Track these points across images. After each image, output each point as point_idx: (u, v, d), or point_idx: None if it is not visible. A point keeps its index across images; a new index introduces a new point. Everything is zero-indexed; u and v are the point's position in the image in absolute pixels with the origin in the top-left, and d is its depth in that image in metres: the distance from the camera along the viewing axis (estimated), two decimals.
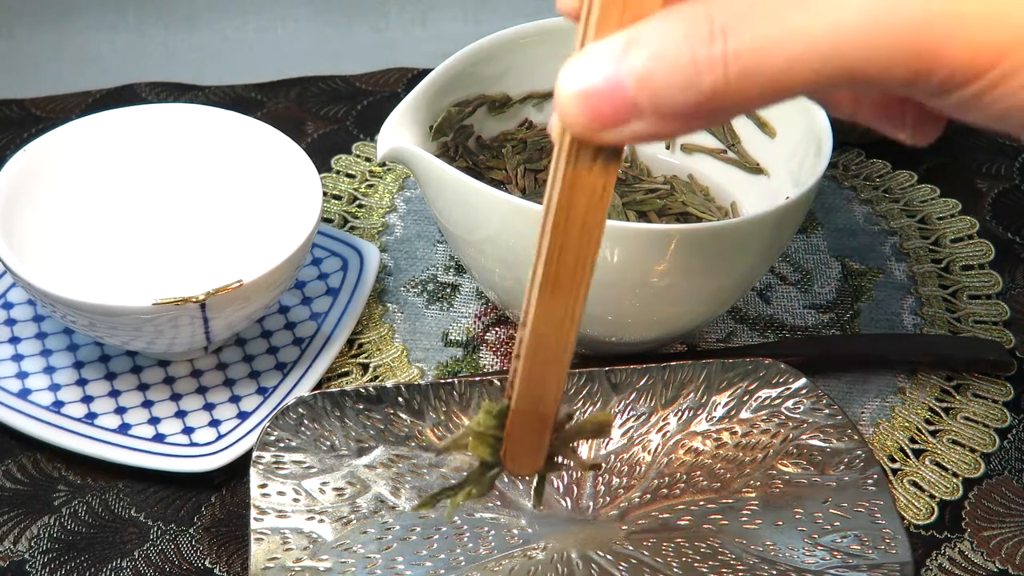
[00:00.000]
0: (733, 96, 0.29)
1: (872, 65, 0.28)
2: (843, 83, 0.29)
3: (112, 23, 0.78)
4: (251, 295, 0.52)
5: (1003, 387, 0.58)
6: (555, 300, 0.34)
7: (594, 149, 0.31)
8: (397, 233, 0.65)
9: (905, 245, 0.65)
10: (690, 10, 0.29)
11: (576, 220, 0.32)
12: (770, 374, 0.52)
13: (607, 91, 0.29)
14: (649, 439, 0.51)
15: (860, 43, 0.28)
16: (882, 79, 0.29)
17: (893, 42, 0.28)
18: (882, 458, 0.55)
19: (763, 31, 0.28)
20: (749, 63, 0.28)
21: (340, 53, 0.79)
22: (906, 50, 0.28)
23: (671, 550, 0.47)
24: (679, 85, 0.29)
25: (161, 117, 0.59)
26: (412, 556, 0.47)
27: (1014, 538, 0.52)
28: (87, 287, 0.55)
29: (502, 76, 0.60)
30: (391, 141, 0.52)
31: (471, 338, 0.60)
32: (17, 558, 0.50)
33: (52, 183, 0.57)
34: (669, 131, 0.30)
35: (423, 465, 0.50)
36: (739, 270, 0.52)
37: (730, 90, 0.29)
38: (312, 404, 0.50)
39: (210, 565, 0.50)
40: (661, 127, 0.30)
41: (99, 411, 0.54)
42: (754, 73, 0.28)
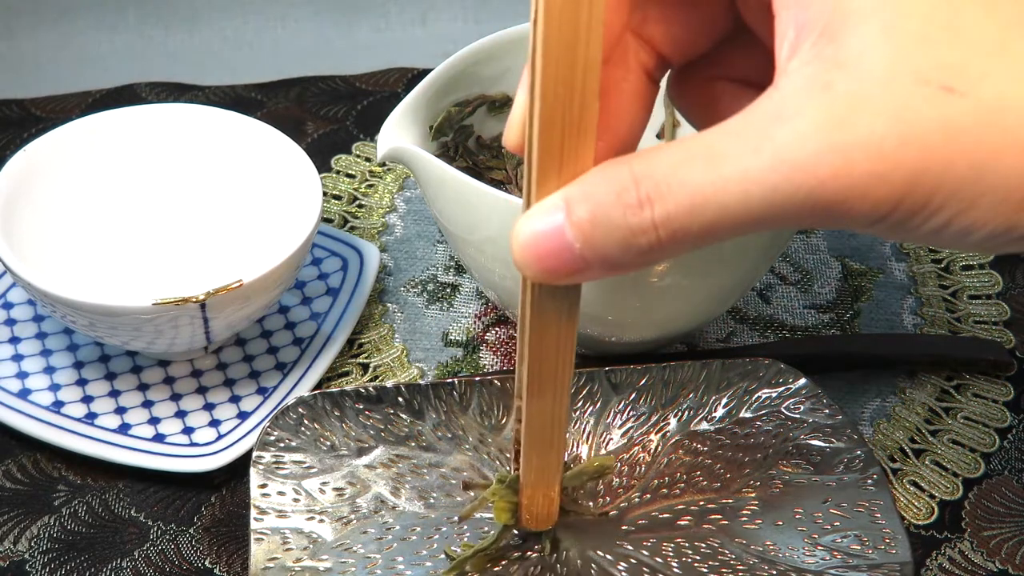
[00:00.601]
0: (670, 250, 0.32)
1: (786, 220, 0.31)
2: (767, 229, 0.32)
3: (112, 23, 0.78)
4: (251, 295, 0.52)
5: (1003, 387, 0.58)
6: (543, 398, 0.39)
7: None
8: (397, 233, 0.65)
9: (905, 245, 0.65)
10: (616, 173, 0.32)
11: (550, 339, 0.37)
12: (770, 374, 0.52)
13: (555, 249, 0.33)
14: (649, 439, 0.51)
15: (768, 210, 0.31)
16: (799, 225, 0.32)
17: (797, 203, 0.31)
18: (882, 458, 0.55)
19: (684, 199, 0.31)
20: (677, 226, 0.31)
21: (340, 53, 0.79)
22: (811, 208, 0.31)
23: (671, 550, 0.47)
24: (618, 245, 0.32)
25: (161, 117, 0.59)
26: (412, 556, 0.47)
27: (1014, 538, 0.52)
28: (87, 287, 0.55)
29: (502, 76, 0.59)
30: (391, 141, 0.52)
31: (471, 338, 0.60)
32: (17, 558, 0.50)
33: (52, 183, 0.57)
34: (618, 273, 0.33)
35: (423, 465, 0.50)
36: (739, 270, 0.52)
37: (665, 247, 0.32)
38: (312, 404, 0.50)
39: (210, 565, 0.50)
40: (610, 273, 0.33)
41: (99, 411, 0.54)
42: (684, 231, 0.32)
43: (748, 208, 0.31)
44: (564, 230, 0.32)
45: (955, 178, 0.30)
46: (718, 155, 0.31)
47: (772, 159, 0.30)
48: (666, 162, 0.32)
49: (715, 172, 0.31)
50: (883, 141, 0.30)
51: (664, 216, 0.31)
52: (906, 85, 0.30)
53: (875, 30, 0.31)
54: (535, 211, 0.33)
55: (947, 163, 0.30)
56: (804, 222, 0.32)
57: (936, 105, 0.30)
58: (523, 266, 0.33)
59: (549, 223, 0.33)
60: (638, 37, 0.38)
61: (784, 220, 0.31)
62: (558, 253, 0.33)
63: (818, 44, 0.31)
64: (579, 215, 0.32)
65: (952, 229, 0.31)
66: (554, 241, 0.32)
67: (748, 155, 0.31)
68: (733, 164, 0.31)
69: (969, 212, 0.31)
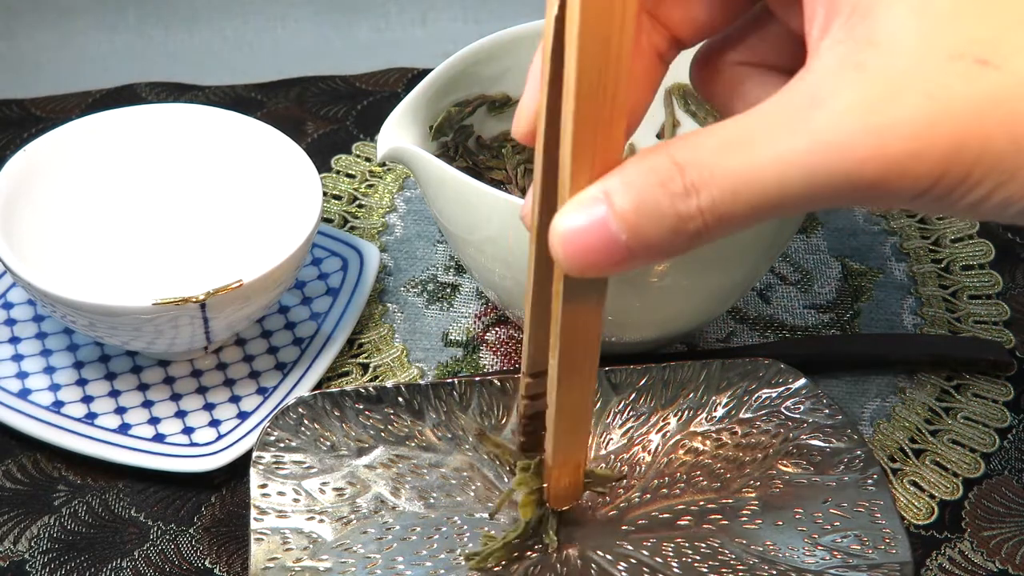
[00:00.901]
0: (716, 233, 0.32)
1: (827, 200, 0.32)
2: (809, 210, 0.32)
3: (112, 23, 0.78)
4: (251, 295, 0.52)
5: (1003, 387, 0.58)
6: (574, 382, 0.40)
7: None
8: (397, 233, 0.65)
9: (905, 245, 0.65)
10: (657, 162, 0.32)
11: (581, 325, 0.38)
12: (770, 374, 0.52)
13: (600, 242, 0.32)
14: (649, 439, 0.51)
15: (808, 191, 0.31)
16: (841, 204, 0.32)
17: (837, 184, 0.31)
18: (882, 458, 0.55)
19: (728, 184, 0.31)
20: (723, 211, 0.32)
21: (340, 53, 0.79)
22: (850, 188, 0.31)
23: (671, 550, 0.47)
24: (667, 232, 0.32)
25: (161, 117, 0.59)
26: (412, 556, 0.47)
27: (1014, 538, 0.52)
28: (87, 287, 0.55)
29: (502, 76, 0.59)
30: (391, 141, 0.52)
31: (471, 338, 0.60)
32: (17, 558, 0.50)
33: (52, 183, 0.57)
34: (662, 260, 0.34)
35: (423, 465, 0.50)
36: (739, 270, 0.52)
37: (712, 231, 0.32)
38: (312, 404, 0.50)
39: (210, 565, 0.50)
40: (654, 260, 0.33)
41: (99, 411, 0.54)
42: (729, 216, 0.32)
43: (788, 191, 0.31)
44: (608, 222, 0.32)
45: (994, 151, 0.30)
46: (756, 139, 0.31)
47: (809, 142, 0.31)
48: (708, 148, 0.32)
49: (755, 157, 0.31)
50: (919, 119, 0.30)
51: (710, 202, 0.32)
52: (939, 61, 0.30)
53: (905, 8, 0.31)
54: (573, 206, 0.33)
55: (985, 137, 0.30)
56: (845, 201, 0.32)
57: (971, 80, 0.30)
58: (566, 261, 0.33)
59: (591, 216, 0.32)
60: (652, 18, 0.38)
61: (825, 200, 0.32)
62: (603, 246, 0.32)
63: (849, 23, 0.32)
64: (623, 206, 0.32)
65: (992, 202, 0.31)
66: (598, 234, 0.32)
67: (785, 139, 0.31)
68: (771, 148, 0.31)
69: (1009, 184, 0.31)
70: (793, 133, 0.31)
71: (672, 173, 0.32)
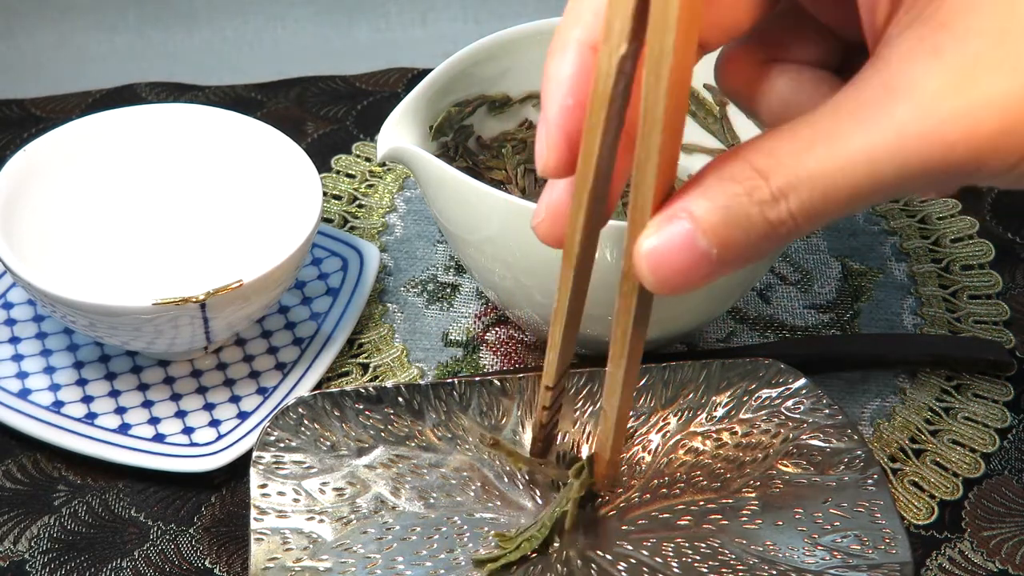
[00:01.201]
0: (807, 230, 0.33)
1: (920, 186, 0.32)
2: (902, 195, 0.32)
3: (112, 23, 0.78)
4: (251, 295, 0.52)
5: (1003, 387, 0.58)
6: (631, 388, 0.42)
7: None
8: (397, 233, 0.65)
9: (905, 245, 0.65)
10: (737, 171, 0.32)
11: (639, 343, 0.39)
12: (770, 374, 0.52)
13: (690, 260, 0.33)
14: (649, 439, 0.51)
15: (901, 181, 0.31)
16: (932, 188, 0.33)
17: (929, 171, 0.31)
18: (882, 458, 0.55)
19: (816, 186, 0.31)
20: (813, 211, 0.32)
21: (340, 53, 0.79)
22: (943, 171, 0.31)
23: (671, 550, 0.47)
24: (759, 239, 0.32)
25: (161, 117, 0.59)
26: (412, 556, 0.47)
27: (1014, 538, 0.52)
28: (87, 287, 0.55)
29: (502, 76, 0.60)
30: (391, 141, 0.52)
31: (471, 338, 0.60)
32: (17, 558, 0.50)
33: (52, 183, 0.57)
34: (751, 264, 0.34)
35: (423, 465, 0.50)
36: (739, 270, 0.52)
37: (803, 229, 0.32)
38: (312, 404, 0.50)
39: (210, 565, 0.50)
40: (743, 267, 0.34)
41: (99, 411, 0.54)
42: (820, 214, 0.32)
43: (881, 183, 0.31)
44: (695, 239, 0.32)
45: None
46: (839, 137, 0.31)
47: (897, 135, 0.31)
48: (788, 151, 0.32)
49: (841, 156, 0.31)
50: (1006, 97, 0.30)
51: (799, 205, 0.32)
52: (1019, 36, 0.30)
53: None
54: (654, 227, 0.33)
55: None
56: (938, 185, 0.32)
57: None
58: (656, 281, 0.33)
59: (676, 234, 0.32)
60: None
61: (918, 187, 0.32)
62: (693, 261, 0.33)
63: (916, 7, 0.32)
64: (711, 220, 0.32)
65: None
66: (686, 251, 0.32)
67: (871, 134, 0.31)
68: (857, 145, 0.31)
69: None
70: (878, 126, 0.31)
71: (756, 181, 0.32)
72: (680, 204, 0.33)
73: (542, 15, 0.60)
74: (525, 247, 0.50)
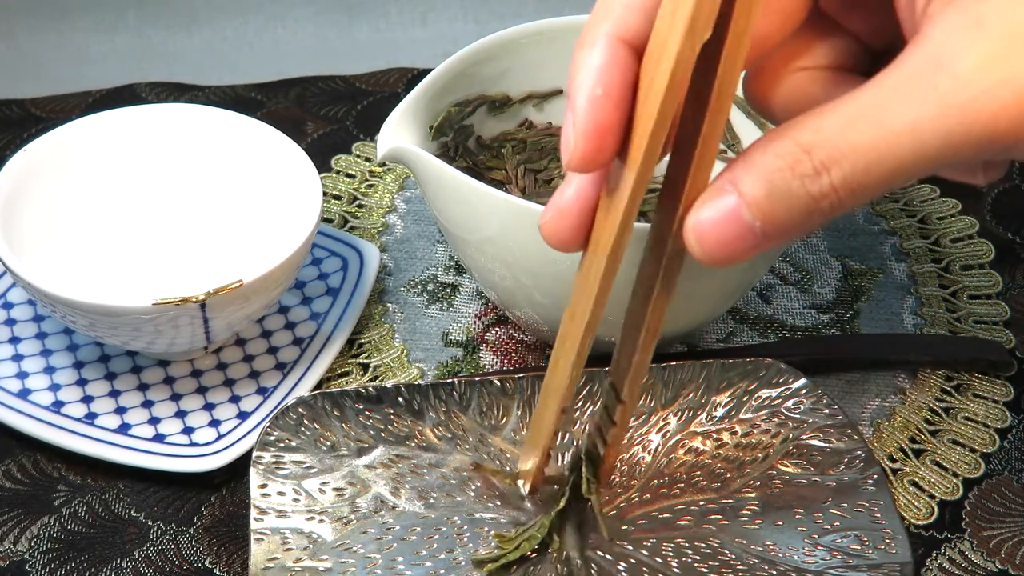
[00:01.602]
0: (850, 205, 0.33)
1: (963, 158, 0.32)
2: (945, 168, 0.33)
3: (112, 23, 0.78)
4: (251, 295, 0.52)
5: (1003, 387, 0.58)
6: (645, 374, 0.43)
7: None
8: (397, 233, 0.65)
9: (905, 245, 0.65)
10: (781, 147, 0.33)
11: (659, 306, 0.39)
12: (770, 374, 0.52)
13: (736, 233, 0.33)
14: (649, 439, 0.51)
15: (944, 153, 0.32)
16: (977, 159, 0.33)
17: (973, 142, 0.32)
18: (882, 458, 0.55)
19: (859, 160, 0.32)
20: (856, 185, 0.32)
21: (340, 53, 0.79)
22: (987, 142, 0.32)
23: (671, 550, 0.47)
24: (801, 213, 0.33)
25: (161, 117, 0.59)
26: (412, 556, 0.47)
27: (1014, 538, 0.52)
28: (87, 287, 0.55)
29: (502, 76, 0.60)
30: (391, 141, 0.52)
31: (471, 338, 0.60)
32: (17, 558, 0.50)
33: (52, 183, 0.57)
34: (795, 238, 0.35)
35: (423, 465, 0.50)
36: (739, 270, 0.52)
37: (846, 204, 0.33)
38: (312, 404, 0.50)
39: (210, 565, 0.50)
40: (787, 241, 0.35)
41: (99, 411, 0.54)
42: (863, 188, 0.32)
43: (924, 156, 0.32)
44: (740, 212, 0.33)
45: None
46: (882, 112, 0.32)
47: (940, 106, 0.31)
48: (832, 126, 0.32)
49: (884, 129, 0.32)
50: None
51: (842, 179, 0.32)
52: None
53: None
54: (703, 200, 0.34)
55: None
56: (984, 155, 0.32)
57: None
58: (703, 254, 0.34)
59: (723, 208, 0.33)
60: None
61: (961, 159, 0.32)
62: (740, 236, 0.33)
63: None
64: (755, 194, 0.33)
65: None
66: (732, 224, 0.33)
67: (915, 107, 0.31)
68: (901, 118, 0.31)
69: None
70: (922, 100, 0.31)
71: (799, 155, 0.32)
72: (727, 178, 0.33)
73: (542, 15, 0.60)
74: (525, 247, 0.50)
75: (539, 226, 0.38)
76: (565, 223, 0.38)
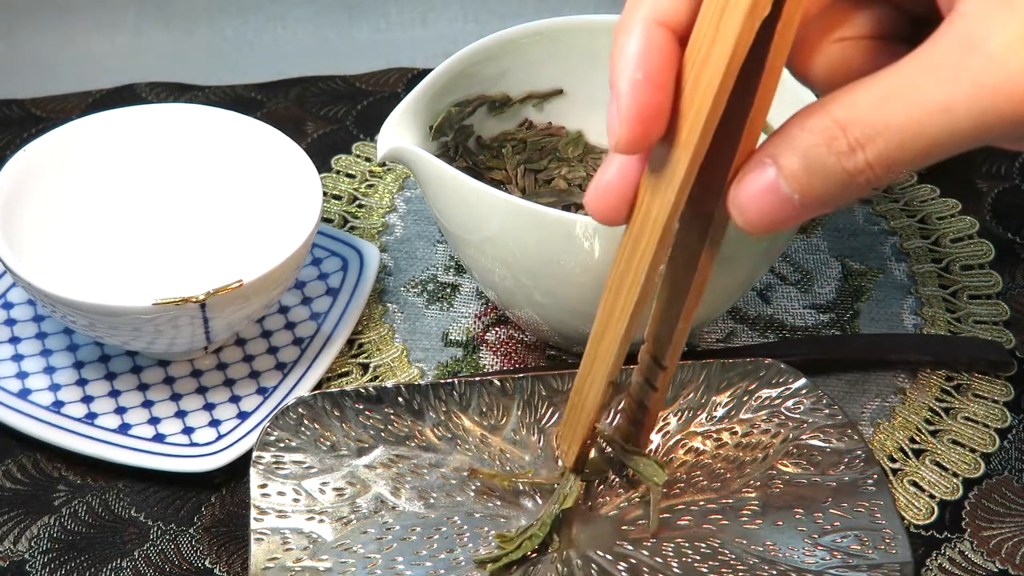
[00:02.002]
0: (886, 180, 0.34)
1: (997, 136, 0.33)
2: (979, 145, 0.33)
3: (112, 23, 0.78)
4: (251, 295, 0.52)
5: (1003, 387, 0.58)
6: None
7: None
8: (397, 233, 0.65)
9: (905, 245, 0.65)
10: (817, 123, 0.33)
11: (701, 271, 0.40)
12: (770, 374, 0.52)
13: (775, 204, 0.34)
14: (649, 439, 0.51)
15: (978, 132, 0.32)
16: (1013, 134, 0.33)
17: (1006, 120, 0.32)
18: (882, 458, 0.55)
19: (893, 137, 0.33)
20: (891, 161, 0.33)
21: (340, 53, 0.79)
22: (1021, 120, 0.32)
23: (671, 550, 0.47)
24: (837, 187, 0.34)
25: (161, 117, 0.59)
26: (412, 556, 0.47)
27: (1014, 538, 0.52)
28: (87, 287, 0.55)
29: (502, 76, 0.60)
30: (391, 141, 0.52)
31: (471, 338, 0.60)
32: (17, 558, 0.50)
33: (52, 183, 0.57)
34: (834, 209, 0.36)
35: (423, 465, 0.50)
36: (739, 270, 0.52)
37: (881, 179, 0.33)
38: (312, 404, 0.50)
39: (210, 565, 0.50)
40: (828, 211, 0.36)
41: (99, 411, 0.54)
42: (898, 164, 0.33)
43: (958, 135, 0.32)
44: (779, 185, 0.34)
45: None
46: (916, 91, 0.32)
47: (973, 87, 0.32)
48: (867, 103, 0.33)
49: (918, 108, 0.32)
50: None
51: (876, 155, 0.33)
52: None
53: None
54: (743, 173, 0.35)
55: None
56: (1015, 134, 0.33)
57: None
58: (747, 225, 0.35)
59: (763, 181, 0.34)
60: None
61: (995, 137, 0.33)
62: (778, 205, 0.34)
63: None
64: (792, 168, 0.34)
65: None
66: (772, 196, 0.34)
67: (947, 87, 0.32)
68: (934, 98, 0.32)
69: None
70: (955, 80, 0.32)
71: (835, 132, 0.33)
72: (766, 151, 0.34)
73: (542, 15, 0.60)
74: (525, 247, 0.50)
75: (584, 202, 0.39)
76: (610, 200, 0.38)
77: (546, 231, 0.49)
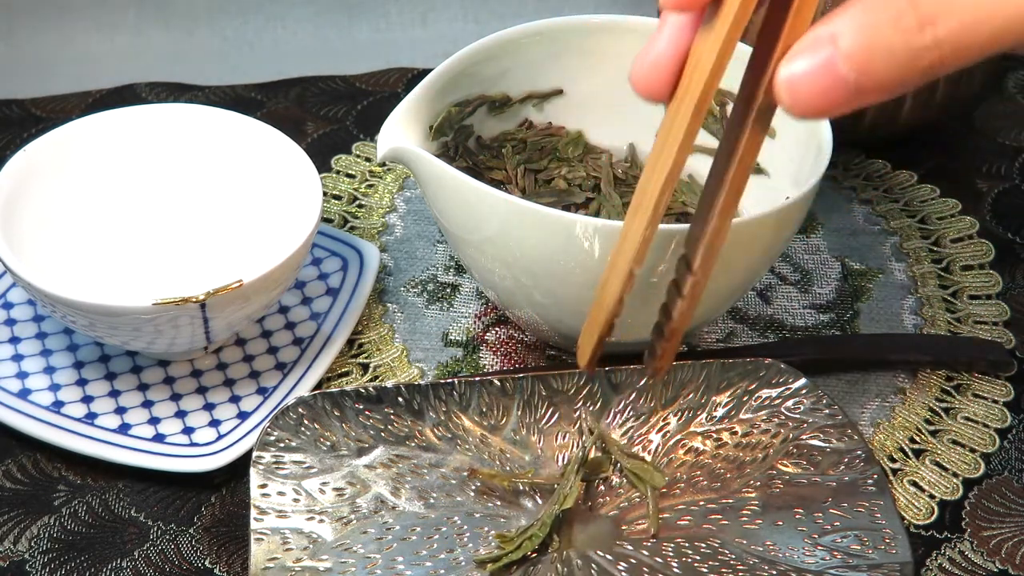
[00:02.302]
0: (951, 65, 0.32)
1: None
2: None
3: (112, 23, 0.78)
4: (251, 295, 0.52)
5: (1003, 387, 0.58)
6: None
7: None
8: (397, 233, 0.65)
9: (905, 245, 0.65)
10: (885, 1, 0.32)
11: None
12: (770, 374, 0.52)
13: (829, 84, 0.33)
14: (649, 439, 0.51)
15: None
16: None
17: None
18: (882, 458, 0.55)
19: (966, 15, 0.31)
20: (961, 42, 0.32)
21: (340, 53, 0.79)
22: None
23: (671, 550, 0.47)
24: (900, 68, 0.32)
25: (161, 117, 0.59)
26: (412, 556, 0.47)
27: (1014, 538, 0.52)
28: (87, 287, 0.55)
29: (502, 76, 0.60)
30: (391, 141, 0.52)
31: (471, 338, 0.60)
32: (17, 558, 0.50)
33: (52, 183, 0.57)
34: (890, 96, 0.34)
35: (423, 465, 0.50)
36: (739, 270, 0.52)
37: (947, 63, 0.32)
38: (312, 404, 0.50)
39: (210, 565, 0.50)
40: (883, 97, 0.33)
41: (99, 411, 0.54)
42: (967, 46, 0.32)
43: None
44: (836, 64, 0.32)
45: None
46: None
47: None
48: None
49: None
50: None
51: (947, 33, 0.32)
52: None
53: None
54: (797, 50, 0.33)
55: None
56: None
57: None
58: (796, 108, 0.33)
59: (818, 59, 0.33)
60: None
61: None
62: (832, 88, 0.33)
63: None
64: (853, 46, 0.32)
65: None
66: (828, 78, 0.33)
67: None
68: None
69: None
70: None
71: (904, 8, 0.32)
72: (825, 28, 0.33)
73: (542, 15, 0.60)
74: (525, 247, 0.50)
75: (629, 75, 0.38)
76: (656, 72, 0.37)
77: (546, 231, 0.49)
